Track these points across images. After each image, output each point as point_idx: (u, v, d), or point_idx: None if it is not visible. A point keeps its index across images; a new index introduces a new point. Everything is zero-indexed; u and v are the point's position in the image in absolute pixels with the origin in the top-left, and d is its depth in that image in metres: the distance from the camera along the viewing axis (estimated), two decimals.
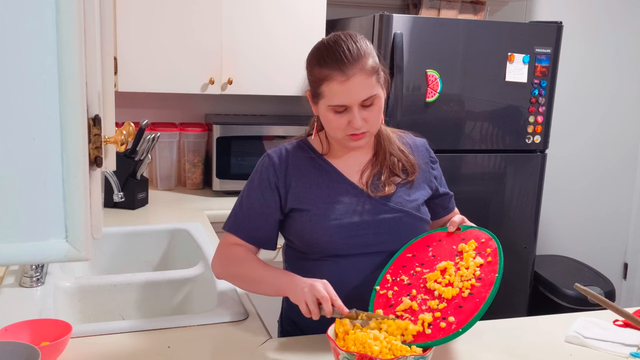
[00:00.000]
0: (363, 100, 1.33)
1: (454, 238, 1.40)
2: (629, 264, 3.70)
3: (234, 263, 1.43)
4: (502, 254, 1.28)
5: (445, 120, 2.63)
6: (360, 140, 1.38)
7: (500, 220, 2.80)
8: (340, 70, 1.31)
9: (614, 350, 1.35)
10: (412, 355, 1.11)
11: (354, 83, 1.31)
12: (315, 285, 1.25)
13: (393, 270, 1.37)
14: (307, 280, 1.29)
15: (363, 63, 1.32)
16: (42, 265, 1.61)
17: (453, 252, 1.35)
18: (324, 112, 1.38)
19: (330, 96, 1.33)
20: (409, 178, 1.47)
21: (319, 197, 1.42)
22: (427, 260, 1.36)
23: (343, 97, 1.32)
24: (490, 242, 1.33)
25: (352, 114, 1.34)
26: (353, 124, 1.34)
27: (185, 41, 2.57)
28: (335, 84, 1.32)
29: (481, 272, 1.26)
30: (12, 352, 1.10)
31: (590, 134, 3.52)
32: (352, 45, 1.33)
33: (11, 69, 0.68)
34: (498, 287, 1.21)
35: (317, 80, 1.35)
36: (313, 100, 1.41)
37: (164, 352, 1.29)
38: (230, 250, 1.45)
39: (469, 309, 1.19)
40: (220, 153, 2.70)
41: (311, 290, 1.25)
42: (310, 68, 1.39)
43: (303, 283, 1.28)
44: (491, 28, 2.63)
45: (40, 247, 0.73)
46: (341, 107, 1.34)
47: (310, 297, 1.25)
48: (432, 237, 1.43)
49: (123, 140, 0.87)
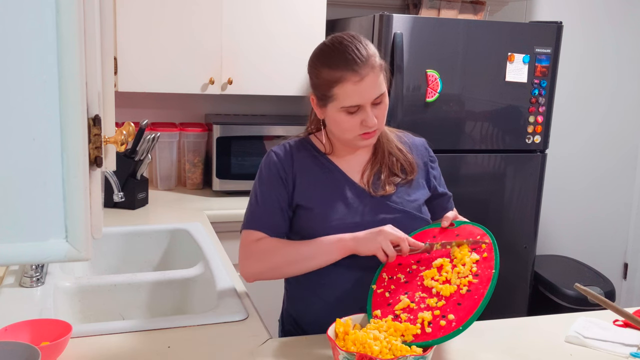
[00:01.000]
0: (375, 99, 1.35)
1: (448, 234, 1.40)
2: (629, 264, 3.70)
3: (269, 254, 1.41)
4: (497, 249, 1.29)
5: (445, 120, 2.63)
6: (371, 138, 1.40)
7: (500, 220, 2.80)
8: (353, 71, 1.32)
9: (614, 350, 1.35)
10: (412, 355, 1.11)
11: (367, 83, 1.33)
12: (385, 230, 1.33)
13: (389, 268, 1.37)
14: (373, 230, 1.34)
15: (373, 62, 1.34)
16: (42, 265, 1.61)
17: (448, 249, 1.36)
18: (334, 114, 1.38)
19: (344, 97, 1.34)
20: (408, 177, 1.48)
21: (322, 196, 1.43)
22: (422, 257, 1.36)
23: (357, 97, 1.34)
24: (485, 237, 1.33)
25: (366, 113, 1.35)
26: (367, 122, 1.36)
27: (185, 41, 2.57)
28: (349, 84, 1.33)
29: (477, 268, 1.26)
30: (12, 352, 1.10)
31: (590, 134, 3.52)
32: (360, 45, 1.35)
33: (11, 69, 0.68)
34: (495, 282, 1.21)
35: (327, 82, 1.35)
36: (320, 104, 1.41)
37: (164, 352, 1.29)
38: (257, 246, 1.42)
39: (468, 306, 1.19)
40: (220, 153, 2.70)
41: (385, 235, 1.32)
42: (316, 72, 1.38)
43: (370, 233, 1.34)
44: (491, 28, 2.63)
45: (40, 247, 0.73)
46: (354, 108, 1.35)
47: (385, 242, 1.31)
48: (426, 233, 1.43)
49: (123, 140, 0.87)
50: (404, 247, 1.31)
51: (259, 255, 1.41)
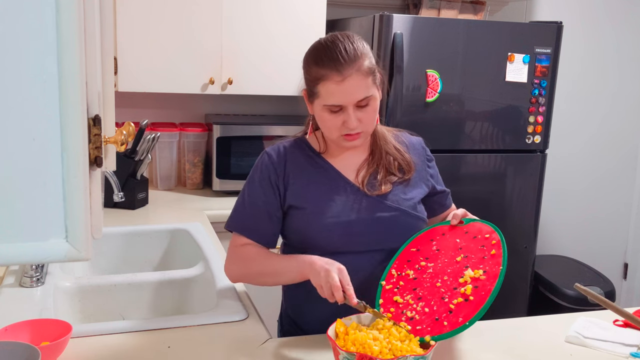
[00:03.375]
0: (358, 101, 1.34)
1: (457, 231, 1.41)
2: (629, 264, 3.70)
3: (250, 262, 1.44)
4: (505, 246, 1.29)
5: (445, 120, 2.63)
6: (354, 140, 1.40)
7: (500, 220, 2.79)
8: (336, 70, 1.32)
9: (614, 350, 1.35)
10: (412, 355, 1.11)
11: (350, 83, 1.32)
12: (330, 272, 1.27)
13: (398, 264, 1.38)
14: (324, 265, 1.30)
15: (359, 64, 1.33)
16: (42, 265, 1.61)
17: (457, 246, 1.36)
18: (319, 111, 1.39)
19: (326, 96, 1.34)
20: (405, 176, 1.48)
21: (316, 195, 1.43)
22: (431, 254, 1.37)
23: (338, 97, 1.33)
24: (493, 234, 1.34)
25: (347, 114, 1.35)
26: (348, 124, 1.35)
27: (185, 41, 2.57)
28: (331, 83, 1.32)
29: (485, 265, 1.26)
30: (12, 352, 1.10)
31: (590, 134, 3.52)
32: (349, 45, 1.34)
33: (11, 69, 0.68)
34: (503, 279, 1.21)
35: (313, 79, 1.36)
36: (309, 100, 1.42)
37: (164, 352, 1.29)
38: (242, 251, 1.45)
39: (475, 302, 1.19)
40: (220, 153, 2.70)
41: (326, 276, 1.27)
42: (307, 67, 1.40)
43: (320, 267, 1.30)
44: (491, 28, 2.63)
45: (40, 247, 0.73)
46: (336, 107, 1.35)
47: (325, 282, 1.27)
48: (435, 230, 1.44)
49: (123, 140, 0.87)
50: (337, 295, 1.26)
51: (241, 261, 1.45)
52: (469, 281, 1.25)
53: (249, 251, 1.44)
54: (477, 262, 1.29)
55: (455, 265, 1.31)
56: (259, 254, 1.43)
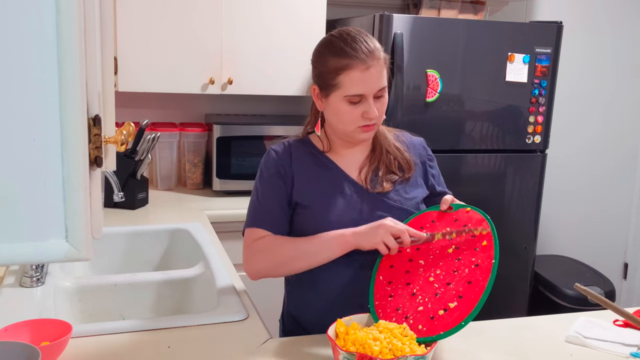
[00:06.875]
0: (378, 91, 1.37)
1: (446, 219, 1.41)
2: (629, 264, 3.70)
3: (272, 252, 1.41)
4: (496, 236, 1.29)
5: (445, 120, 2.63)
6: (370, 131, 1.42)
7: (500, 220, 2.79)
8: (360, 59, 1.35)
9: (614, 350, 1.35)
10: (412, 355, 1.11)
11: (372, 73, 1.36)
12: (385, 223, 1.33)
13: (389, 258, 1.38)
14: (373, 223, 1.35)
15: (378, 54, 1.38)
16: (42, 265, 1.61)
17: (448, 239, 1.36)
18: (336, 103, 1.39)
19: (349, 85, 1.36)
20: (406, 175, 1.49)
21: (320, 193, 1.44)
22: (423, 246, 1.37)
23: (362, 86, 1.36)
24: (484, 223, 1.33)
25: (368, 104, 1.37)
26: (369, 113, 1.37)
27: (186, 41, 2.57)
28: (356, 72, 1.35)
29: (477, 258, 1.26)
30: (12, 352, 1.10)
31: (590, 134, 3.52)
32: (367, 38, 1.39)
33: (11, 69, 0.68)
34: (496, 273, 1.21)
35: (333, 70, 1.37)
36: (322, 94, 1.42)
37: (164, 352, 1.29)
38: (261, 244, 1.42)
39: (469, 298, 1.19)
40: (220, 153, 2.70)
41: (385, 228, 1.32)
42: (322, 60, 1.40)
43: (370, 228, 1.34)
44: (491, 28, 2.63)
45: (40, 247, 0.73)
46: (357, 98, 1.37)
47: (386, 235, 1.31)
48: (424, 216, 1.44)
49: (123, 140, 0.87)
50: (405, 239, 1.32)
51: (262, 252, 1.42)
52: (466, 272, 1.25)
53: (269, 241, 1.42)
54: (469, 254, 1.28)
55: (447, 258, 1.31)
56: (284, 240, 1.42)
